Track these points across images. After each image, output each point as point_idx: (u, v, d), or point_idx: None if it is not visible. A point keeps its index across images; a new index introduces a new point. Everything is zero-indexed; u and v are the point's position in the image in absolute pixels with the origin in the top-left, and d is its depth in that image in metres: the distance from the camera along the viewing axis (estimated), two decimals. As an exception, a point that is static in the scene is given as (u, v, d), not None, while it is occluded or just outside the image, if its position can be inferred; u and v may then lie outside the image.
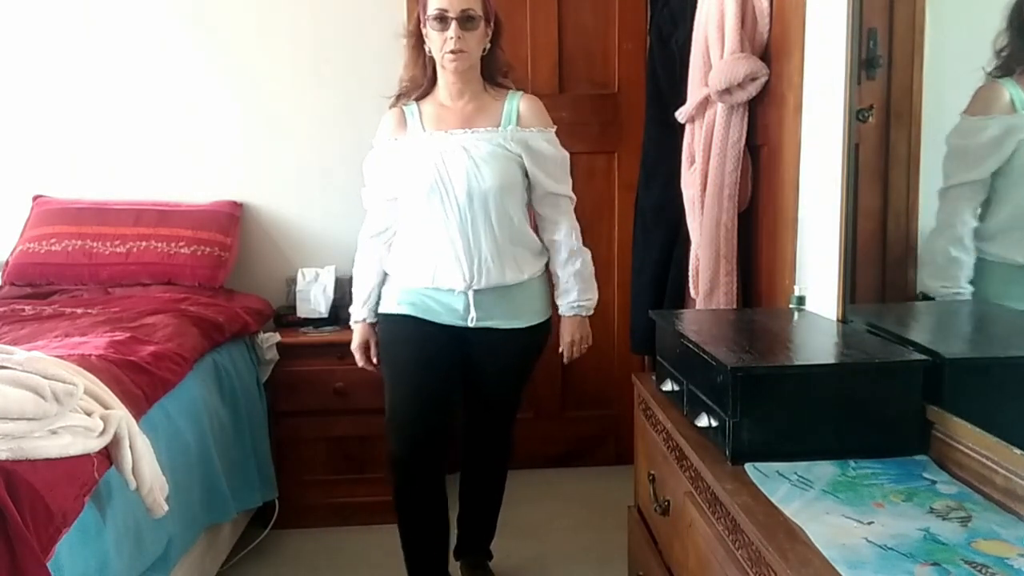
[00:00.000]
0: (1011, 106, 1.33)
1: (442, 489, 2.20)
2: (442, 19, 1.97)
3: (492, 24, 2.05)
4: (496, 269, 2.03)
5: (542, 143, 2.07)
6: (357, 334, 2.20)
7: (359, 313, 2.18)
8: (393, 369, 2.13)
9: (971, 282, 1.43)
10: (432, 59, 2.06)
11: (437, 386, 2.10)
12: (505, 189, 2.02)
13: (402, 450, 2.12)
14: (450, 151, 2.01)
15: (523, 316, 2.11)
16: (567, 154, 2.13)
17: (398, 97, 2.14)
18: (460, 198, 1.99)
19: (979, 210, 1.40)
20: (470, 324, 2.06)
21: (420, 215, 2.05)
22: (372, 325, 2.18)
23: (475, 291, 2.03)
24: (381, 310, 2.15)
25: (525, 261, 2.09)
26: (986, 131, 1.36)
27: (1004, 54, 1.30)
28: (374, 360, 2.20)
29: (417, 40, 2.07)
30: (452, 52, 1.98)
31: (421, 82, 2.10)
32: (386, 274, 2.15)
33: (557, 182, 2.11)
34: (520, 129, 2.06)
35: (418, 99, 2.12)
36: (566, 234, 2.14)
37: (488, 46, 2.06)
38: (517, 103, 2.09)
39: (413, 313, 2.08)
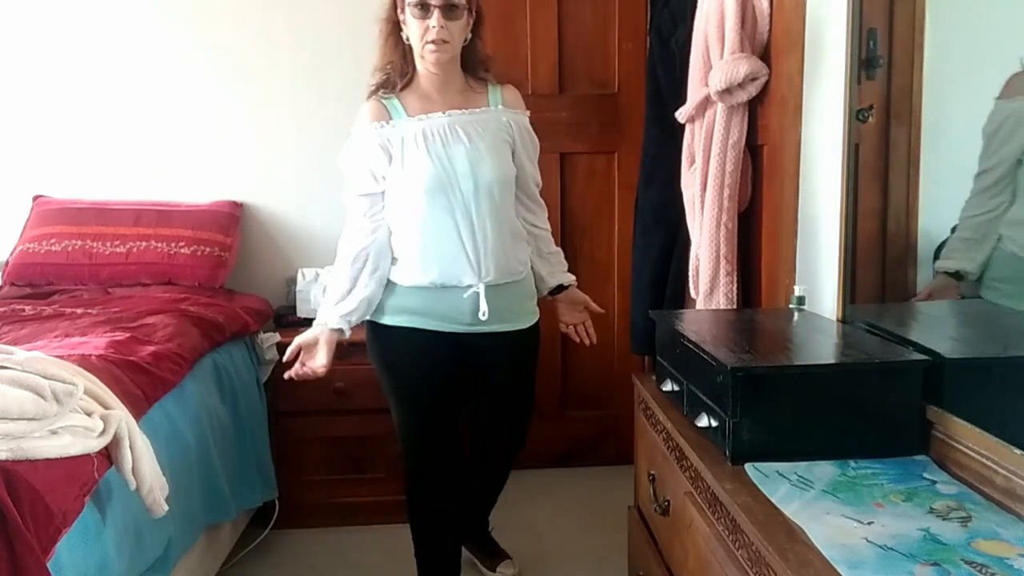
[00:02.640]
0: None
1: (457, 498, 2.13)
2: (423, 6, 1.85)
3: (474, 13, 1.95)
4: (504, 260, 1.97)
5: (528, 127, 2.07)
6: (312, 333, 1.97)
7: (333, 319, 1.95)
8: (395, 389, 2.04)
9: (984, 271, 1.40)
10: (411, 47, 1.94)
11: (442, 410, 2.04)
12: (504, 182, 1.98)
13: (418, 468, 2.08)
14: (450, 136, 1.93)
15: (526, 316, 2.09)
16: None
17: (378, 87, 1.98)
18: (465, 188, 1.91)
19: (1004, 198, 1.35)
20: (482, 319, 1.94)
21: (420, 208, 1.92)
22: (336, 332, 1.96)
23: (486, 286, 1.95)
24: (375, 318, 2.00)
25: (521, 254, 2.06)
26: (1013, 113, 1.32)
27: None
28: (309, 371, 1.95)
29: (394, 27, 1.95)
30: (433, 42, 1.87)
31: (403, 69, 1.96)
32: (386, 281, 1.98)
33: (535, 169, 2.11)
34: (509, 110, 2.03)
35: (399, 91, 1.97)
36: (544, 221, 2.16)
37: (469, 36, 1.96)
38: (501, 92, 2.04)
39: (411, 324, 1.96)
